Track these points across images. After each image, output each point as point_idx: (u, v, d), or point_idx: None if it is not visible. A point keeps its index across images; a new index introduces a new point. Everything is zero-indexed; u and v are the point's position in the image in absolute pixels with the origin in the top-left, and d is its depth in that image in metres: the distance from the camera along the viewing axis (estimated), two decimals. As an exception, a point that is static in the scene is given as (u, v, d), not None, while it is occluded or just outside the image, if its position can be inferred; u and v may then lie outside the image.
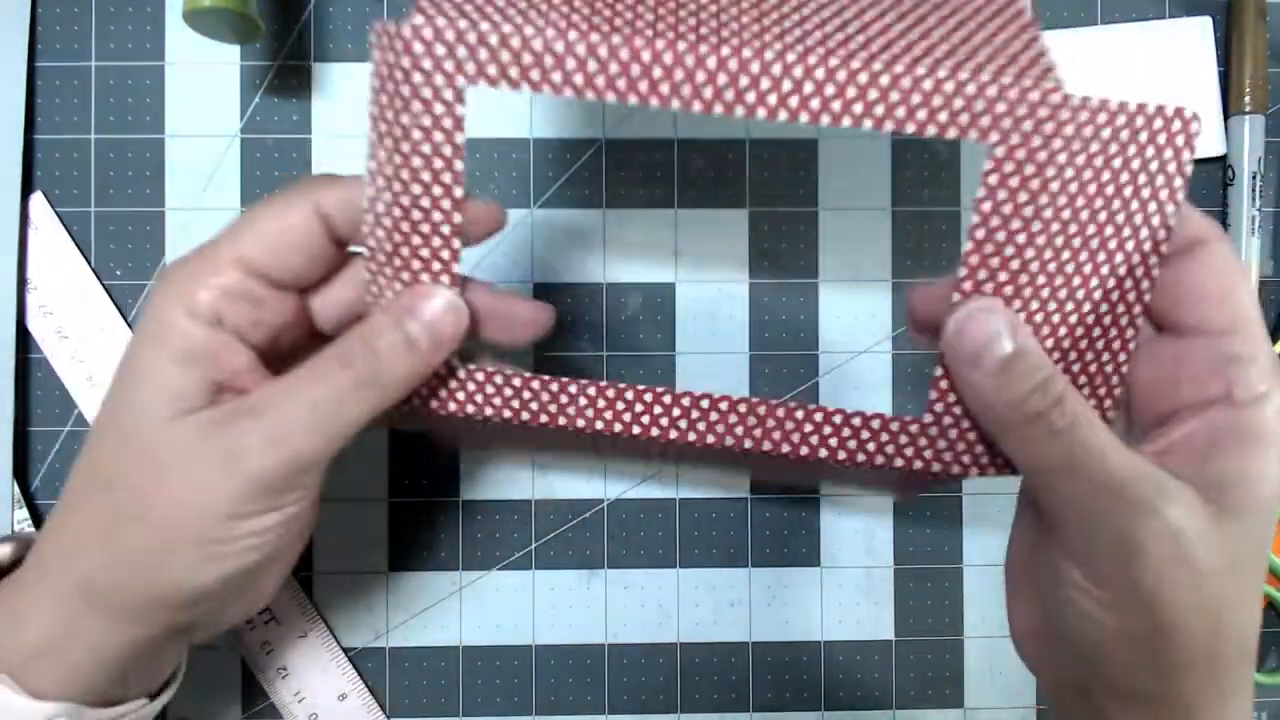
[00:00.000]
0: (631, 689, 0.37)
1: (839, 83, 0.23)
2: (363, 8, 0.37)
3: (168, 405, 0.24)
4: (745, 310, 0.38)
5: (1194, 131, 0.24)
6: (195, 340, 0.24)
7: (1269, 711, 0.38)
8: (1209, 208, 0.38)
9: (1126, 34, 0.38)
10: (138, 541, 0.24)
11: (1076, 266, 0.24)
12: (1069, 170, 0.23)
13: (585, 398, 0.27)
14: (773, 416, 0.27)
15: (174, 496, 0.23)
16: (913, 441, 0.26)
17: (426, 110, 0.23)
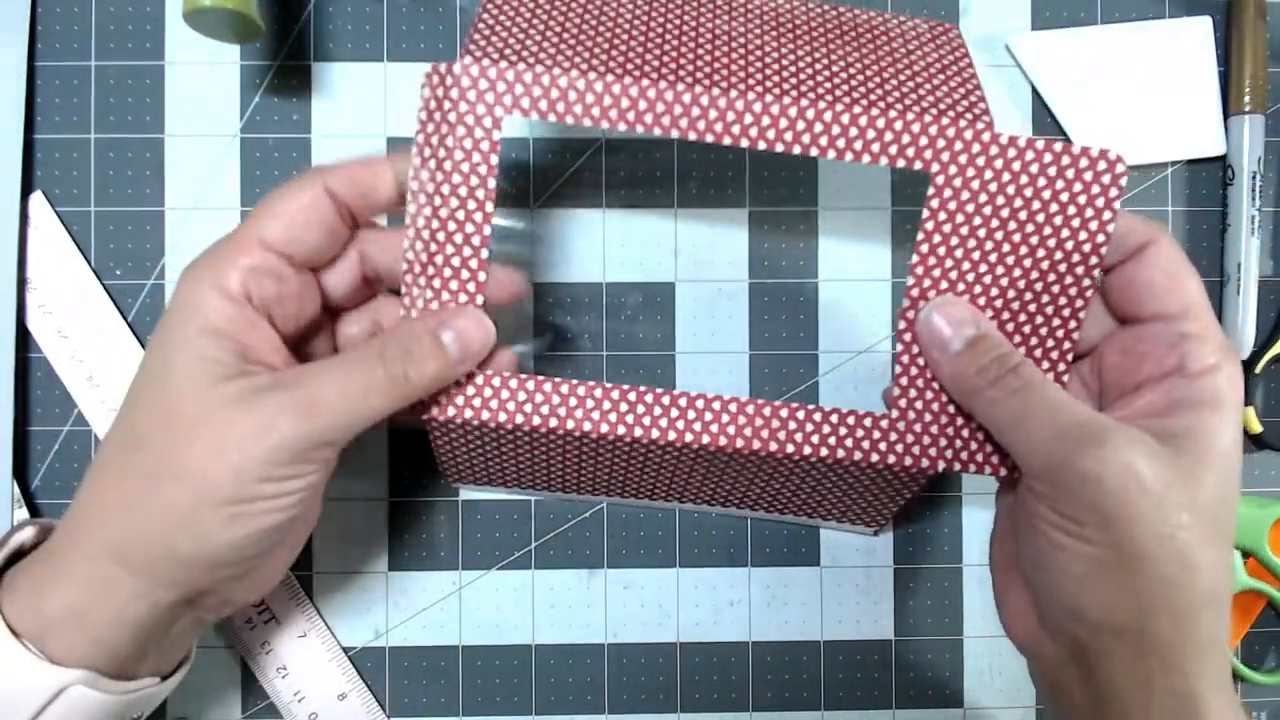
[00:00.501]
0: (631, 689, 0.37)
1: (810, 120, 0.28)
2: (363, 8, 0.37)
3: (202, 371, 0.25)
4: (745, 310, 0.38)
5: (1120, 172, 0.28)
6: (226, 315, 0.26)
7: (1269, 711, 0.38)
8: (1209, 207, 0.38)
9: (1126, 34, 0.38)
10: (169, 500, 0.25)
11: (1010, 280, 0.28)
12: (1000, 197, 0.28)
13: (593, 399, 0.29)
14: (762, 415, 0.29)
15: (206, 456, 0.25)
16: (884, 437, 0.29)
17: (468, 134, 0.27)
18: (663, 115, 0.27)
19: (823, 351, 0.38)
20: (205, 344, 0.26)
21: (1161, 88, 0.38)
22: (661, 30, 0.30)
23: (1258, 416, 0.37)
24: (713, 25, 0.31)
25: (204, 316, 0.26)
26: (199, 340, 0.26)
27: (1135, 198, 0.38)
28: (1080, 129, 0.38)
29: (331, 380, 0.26)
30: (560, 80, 0.27)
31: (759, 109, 0.27)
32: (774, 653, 0.38)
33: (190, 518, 0.25)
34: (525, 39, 0.29)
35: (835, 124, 0.27)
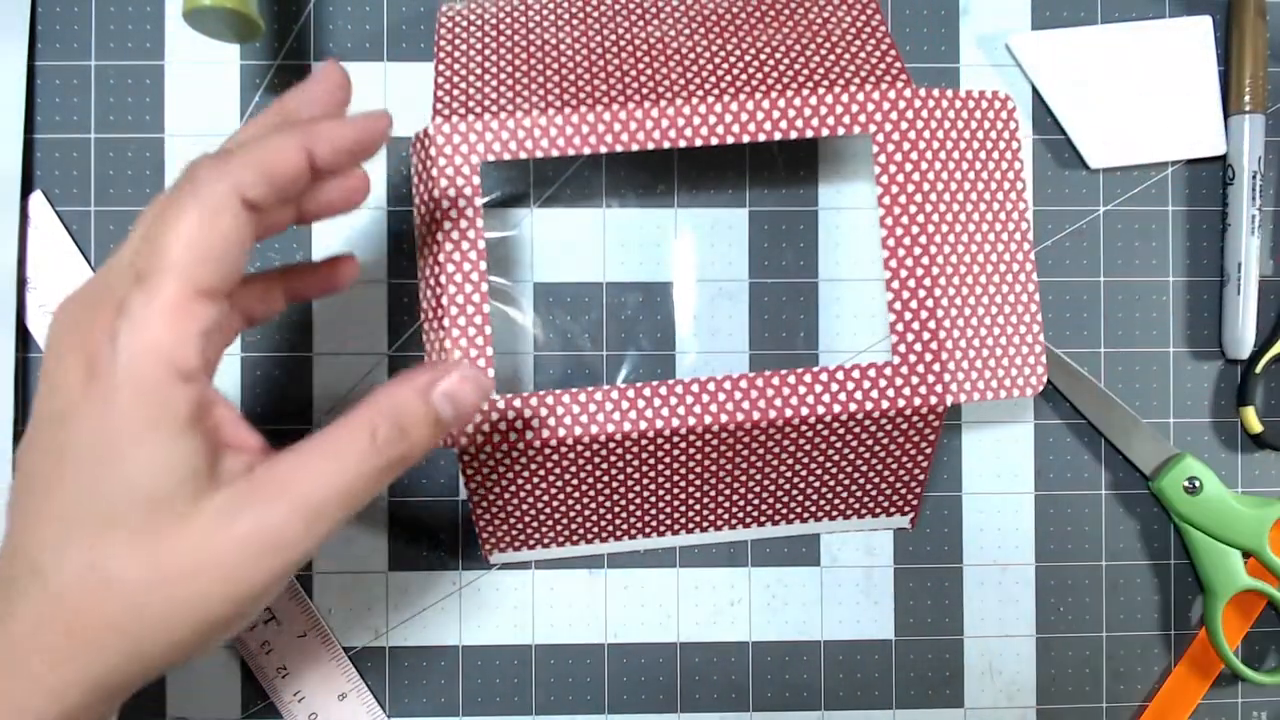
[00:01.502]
0: (631, 689, 0.37)
1: (754, 109, 0.31)
2: (363, 7, 0.37)
3: (178, 495, 0.22)
4: (745, 310, 0.38)
5: (1012, 108, 0.34)
6: (185, 405, 0.22)
7: (1269, 712, 0.38)
8: (1209, 207, 0.38)
9: (1126, 34, 0.38)
10: (161, 641, 0.22)
11: (965, 221, 0.32)
12: (934, 144, 0.32)
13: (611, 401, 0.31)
14: (771, 385, 0.31)
15: (205, 590, 0.22)
16: (890, 383, 0.31)
17: (450, 183, 0.30)
18: (620, 133, 0.31)
19: (823, 351, 0.38)
20: (174, 453, 0.22)
21: (1161, 88, 0.38)
22: (600, 51, 0.33)
23: (1258, 416, 0.37)
24: (645, 34, 0.34)
25: (162, 410, 0.22)
26: (167, 448, 0.22)
27: (1135, 197, 0.38)
28: (1080, 129, 0.38)
29: (320, 476, 0.23)
30: (524, 121, 0.31)
31: (719, 109, 0.31)
32: (774, 653, 0.38)
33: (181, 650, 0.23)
34: (484, 86, 0.32)
35: (775, 109, 0.31)
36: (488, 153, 0.30)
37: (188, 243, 0.22)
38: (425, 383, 0.25)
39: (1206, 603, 0.37)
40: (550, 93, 0.31)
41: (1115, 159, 0.38)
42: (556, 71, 0.32)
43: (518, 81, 0.32)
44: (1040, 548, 0.38)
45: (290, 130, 0.24)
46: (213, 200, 0.22)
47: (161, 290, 0.22)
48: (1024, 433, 0.38)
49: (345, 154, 0.24)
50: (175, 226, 0.22)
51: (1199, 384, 0.38)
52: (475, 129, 0.30)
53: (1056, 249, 0.38)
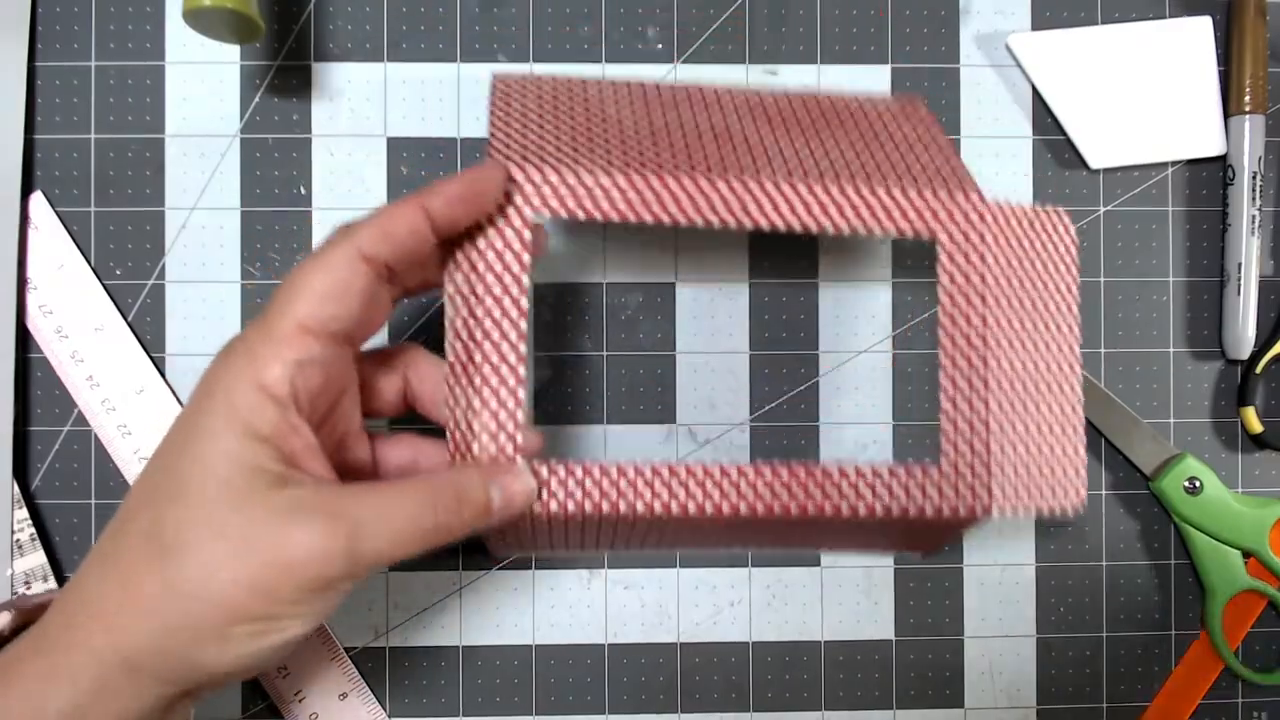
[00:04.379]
0: (631, 689, 0.37)
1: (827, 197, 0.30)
2: (363, 7, 0.37)
3: (245, 481, 0.24)
4: (745, 310, 0.38)
5: (1069, 224, 0.33)
6: (270, 419, 0.25)
7: (1269, 712, 0.38)
8: (1209, 207, 0.38)
9: (1126, 34, 0.38)
10: (196, 616, 0.24)
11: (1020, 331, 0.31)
12: (996, 254, 0.31)
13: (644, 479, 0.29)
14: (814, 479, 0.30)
15: (240, 576, 0.24)
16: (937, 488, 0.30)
17: (499, 234, 0.28)
18: (686, 204, 0.29)
19: (823, 351, 0.38)
20: (249, 449, 0.24)
21: (1161, 88, 0.38)
22: (664, 128, 0.32)
23: (1258, 416, 0.37)
24: (705, 119, 0.33)
25: (247, 419, 0.24)
26: (242, 445, 0.24)
27: (1135, 197, 0.38)
28: (1080, 129, 0.38)
29: (379, 513, 0.25)
30: (585, 178, 0.29)
31: (771, 190, 0.29)
32: (774, 653, 0.38)
33: (217, 634, 0.24)
34: (544, 144, 0.30)
35: (848, 199, 0.30)
36: (544, 205, 0.28)
37: (299, 279, 0.26)
38: (489, 474, 0.27)
39: (1206, 603, 0.37)
40: (612, 156, 0.30)
41: (1115, 159, 0.38)
42: (622, 141, 0.31)
43: (580, 144, 0.30)
44: (1040, 548, 0.38)
45: (408, 196, 0.27)
46: (330, 249, 0.26)
47: (269, 322, 0.25)
48: (1024, 433, 0.38)
49: (459, 203, 0.27)
50: (297, 274, 0.26)
51: (1199, 384, 0.38)
52: (534, 179, 0.28)
53: (1056, 249, 0.38)
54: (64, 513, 0.37)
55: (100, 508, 0.37)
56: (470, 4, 0.38)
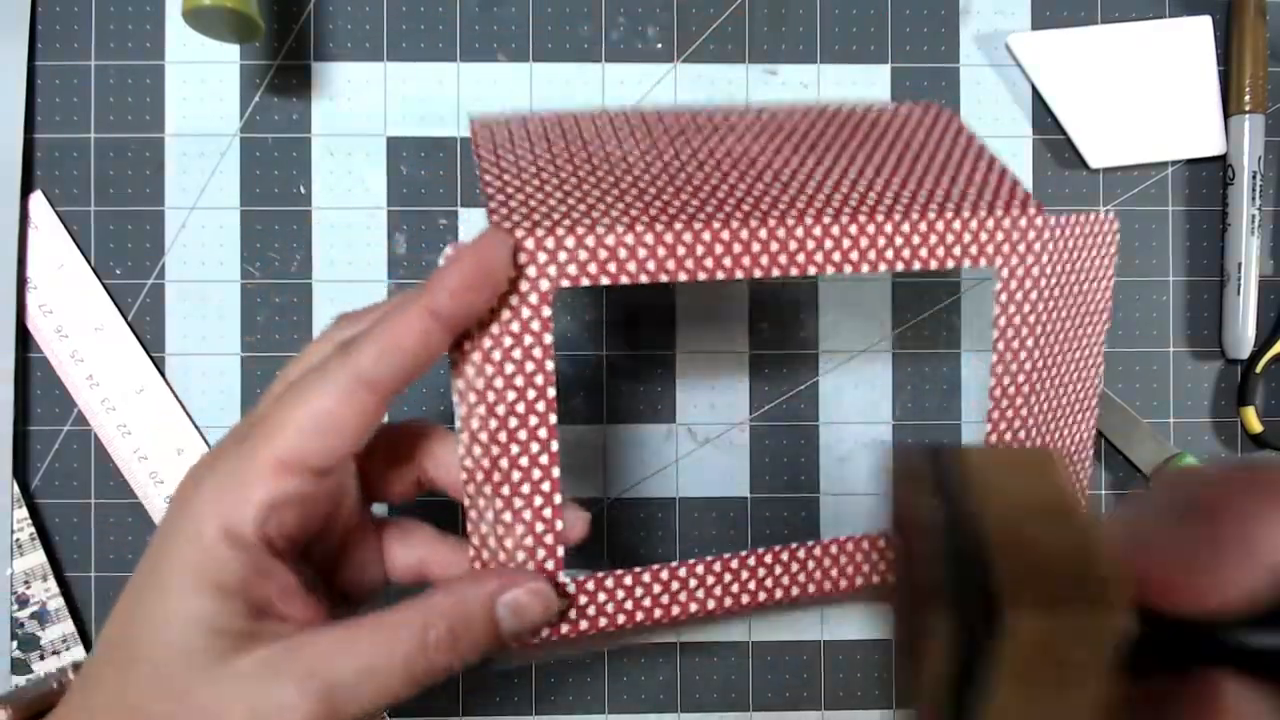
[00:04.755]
0: (631, 689, 0.37)
1: (875, 234, 0.26)
2: (363, 7, 0.37)
3: (207, 644, 0.22)
4: (745, 310, 0.38)
5: (1116, 228, 0.30)
6: (235, 569, 0.22)
7: (1269, 711, 0.38)
8: (1209, 207, 0.38)
9: (1126, 34, 0.38)
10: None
11: (1073, 348, 0.29)
12: (1052, 271, 0.28)
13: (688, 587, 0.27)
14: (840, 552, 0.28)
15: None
16: None
17: (514, 315, 0.24)
18: (727, 257, 0.25)
19: (823, 351, 0.38)
20: (210, 608, 0.22)
21: (1161, 88, 0.38)
22: (676, 163, 0.28)
23: (1258, 416, 0.37)
24: (720, 147, 0.29)
25: (211, 571, 0.22)
26: (203, 603, 0.22)
27: (1135, 197, 0.38)
28: (1080, 129, 0.38)
29: (359, 665, 0.22)
30: (609, 239, 0.25)
31: (819, 232, 0.26)
32: (774, 653, 0.38)
33: None
34: (545, 193, 0.26)
35: (897, 235, 0.26)
36: (562, 276, 0.24)
37: (285, 416, 0.23)
38: (493, 589, 0.24)
39: (1206, 603, 0.37)
40: (638, 209, 0.25)
41: (1115, 159, 0.38)
42: (636, 186, 0.27)
43: (591, 195, 0.26)
44: (1040, 548, 0.38)
45: (409, 297, 0.23)
46: (327, 381, 0.23)
47: (246, 453, 0.23)
48: (1024, 433, 0.38)
49: (468, 294, 0.23)
50: (287, 396, 0.23)
51: (1199, 384, 0.38)
52: (546, 246, 0.24)
53: (1056, 249, 0.38)
54: (64, 512, 0.37)
55: (100, 507, 0.37)
56: (470, 4, 0.38)
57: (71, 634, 0.36)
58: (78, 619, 0.36)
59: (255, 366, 0.37)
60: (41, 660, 0.36)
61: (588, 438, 0.37)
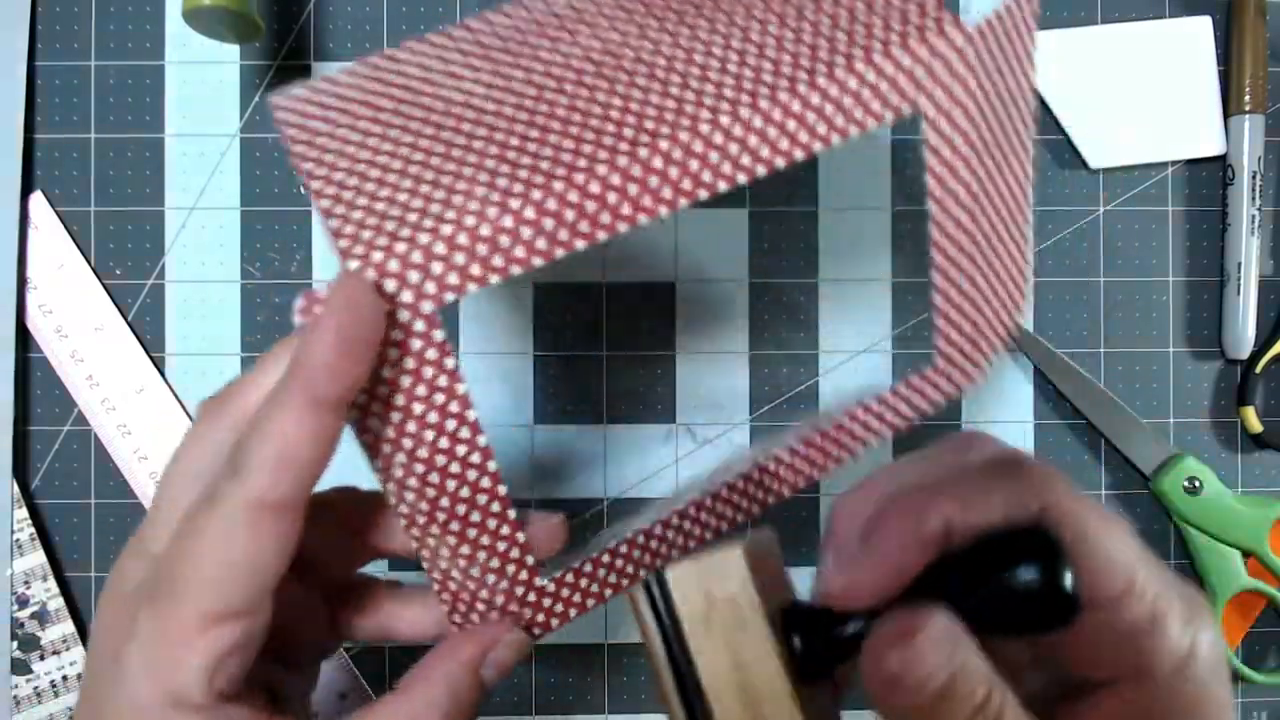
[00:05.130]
0: (631, 689, 0.37)
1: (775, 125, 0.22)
2: (363, 7, 0.37)
3: None
4: (745, 310, 0.38)
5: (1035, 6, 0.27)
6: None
7: (1269, 712, 0.38)
8: (1209, 207, 0.38)
9: (1126, 34, 0.38)
10: None
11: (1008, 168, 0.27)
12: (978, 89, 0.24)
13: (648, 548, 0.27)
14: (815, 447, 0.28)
15: None
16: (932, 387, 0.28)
17: (404, 352, 0.21)
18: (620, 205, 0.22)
19: (823, 351, 0.38)
20: None
21: (1161, 88, 0.38)
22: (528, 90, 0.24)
23: (1258, 416, 0.37)
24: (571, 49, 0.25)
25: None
26: None
27: (1135, 197, 0.38)
28: (1080, 129, 0.38)
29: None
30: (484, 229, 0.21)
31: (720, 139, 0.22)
32: (774, 653, 0.38)
33: None
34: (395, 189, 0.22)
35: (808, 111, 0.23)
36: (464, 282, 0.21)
37: (192, 571, 0.20)
38: (474, 657, 0.24)
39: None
40: (498, 175, 0.21)
41: (1115, 159, 0.38)
42: (489, 140, 0.23)
43: (442, 174, 0.22)
44: (1040, 548, 0.38)
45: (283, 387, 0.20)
46: (221, 520, 0.20)
47: (165, 615, 0.20)
48: (1024, 433, 0.38)
49: (347, 362, 0.20)
50: (188, 546, 0.20)
51: (1199, 384, 0.38)
52: (437, 253, 0.21)
53: (1056, 249, 0.38)
54: (64, 512, 0.37)
55: (100, 507, 0.37)
56: (470, 4, 0.38)
57: (71, 634, 0.36)
58: (78, 619, 0.36)
59: (255, 366, 0.37)
60: (41, 660, 0.36)
61: (588, 438, 0.37)
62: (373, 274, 0.20)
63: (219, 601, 0.20)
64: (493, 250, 0.21)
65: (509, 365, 0.37)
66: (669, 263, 0.38)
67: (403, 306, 0.21)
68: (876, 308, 0.38)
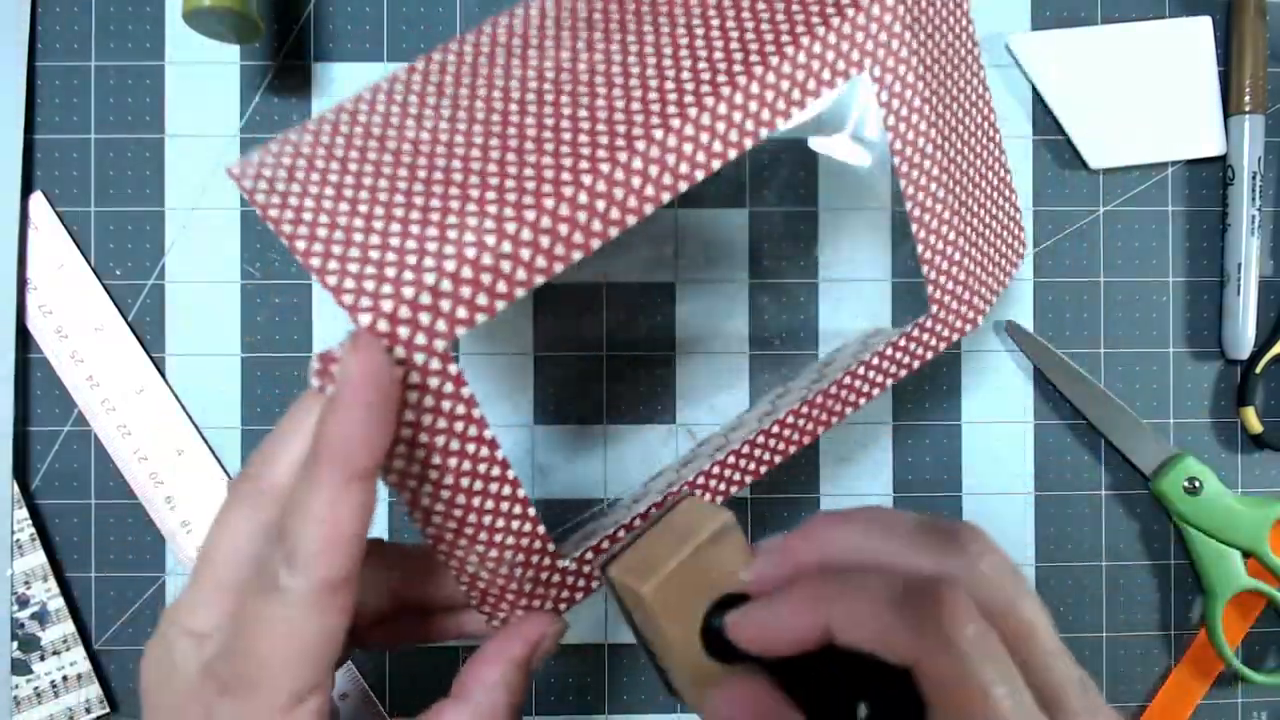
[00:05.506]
0: (631, 689, 0.37)
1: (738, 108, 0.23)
2: (363, 7, 0.37)
3: None
4: (745, 310, 0.38)
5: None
6: None
7: (1269, 712, 0.38)
8: (1209, 207, 0.38)
9: (1126, 34, 0.38)
10: None
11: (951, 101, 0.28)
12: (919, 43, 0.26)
13: None
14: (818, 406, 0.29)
15: None
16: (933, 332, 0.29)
17: (422, 391, 0.21)
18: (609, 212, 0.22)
19: (823, 352, 0.38)
20: None
21: (1161, 88, 0.38)
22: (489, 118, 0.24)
23: (1258, 416, 0.37)
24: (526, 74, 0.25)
25: None
26: None
27: (1135, 197, 0.38)
28: (1080, 129, 0.38)
29: None
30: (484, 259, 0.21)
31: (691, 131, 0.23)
32: (774, 653, 0.38)
33: None
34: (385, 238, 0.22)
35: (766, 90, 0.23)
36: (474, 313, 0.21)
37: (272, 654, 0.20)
38: (525, 656, 0.25)
39: (1206, 603, 0.37)
40: (487, 205, 0.22)
41: (1115, 159, 0.38)
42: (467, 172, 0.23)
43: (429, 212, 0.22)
44: (1040, 548, 0.38)
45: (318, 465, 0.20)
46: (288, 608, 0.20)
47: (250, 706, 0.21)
48: (1024, 433, 0.38)
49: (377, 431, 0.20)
50: (254, 632, 0.21)
51: (1199, 384, 0.38)
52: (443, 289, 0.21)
53: (1056, 249, 0.38)
54: (64, 513, 0.37)
55: (100, 508, 0.37)
56: (470, 4, 0.38)
57: (72, 634, 0.36)
58: (78, 619, 0.36)
59: (255, 366, 0.37)
60: (41, 660, 0.36)
61: (588, 438, 0.37)
62: (385, 324, 0.21)
63: (298, 682, 0.21)
64: (496, 277, 0.21)
65: (509, 365, 0.37)
66: (669, 263, 0.38)
67: (418, 350, 0.21)
68: (876, 308, 0.38)
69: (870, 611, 0.19)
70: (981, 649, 0.18)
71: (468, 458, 0.23)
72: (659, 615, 0.22)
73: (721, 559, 0.22)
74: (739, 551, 0.23)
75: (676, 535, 0.23)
